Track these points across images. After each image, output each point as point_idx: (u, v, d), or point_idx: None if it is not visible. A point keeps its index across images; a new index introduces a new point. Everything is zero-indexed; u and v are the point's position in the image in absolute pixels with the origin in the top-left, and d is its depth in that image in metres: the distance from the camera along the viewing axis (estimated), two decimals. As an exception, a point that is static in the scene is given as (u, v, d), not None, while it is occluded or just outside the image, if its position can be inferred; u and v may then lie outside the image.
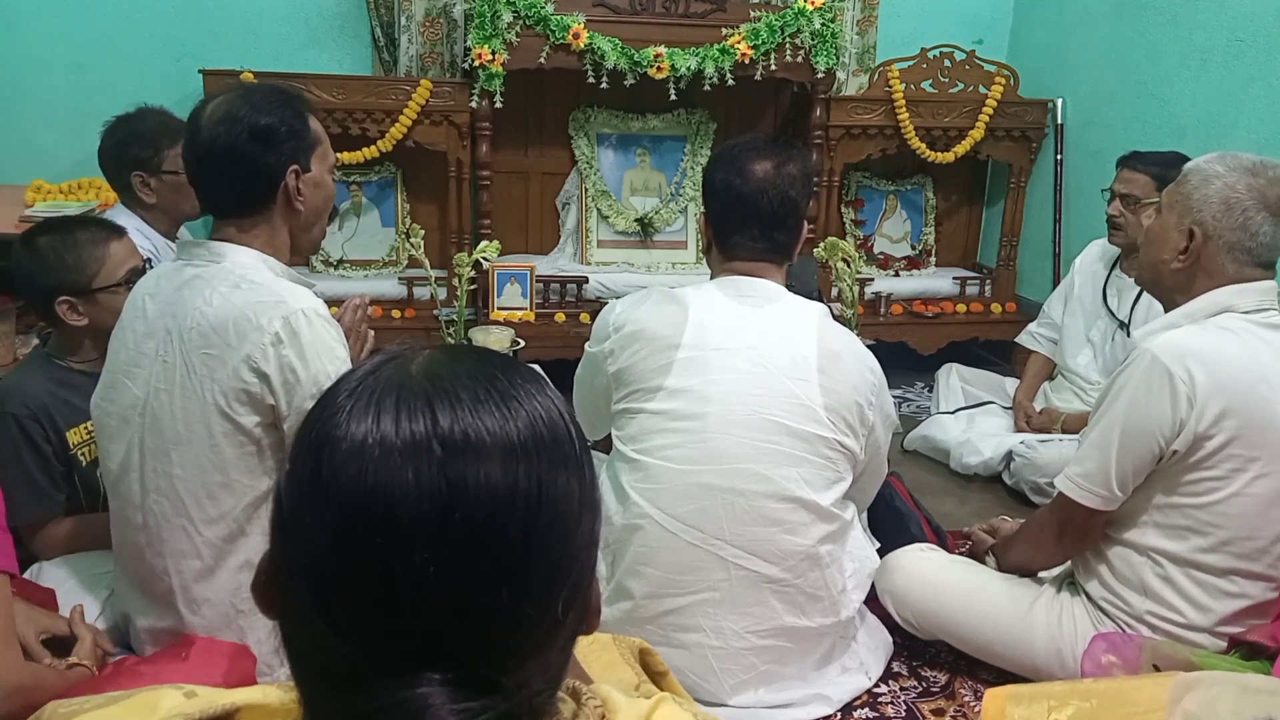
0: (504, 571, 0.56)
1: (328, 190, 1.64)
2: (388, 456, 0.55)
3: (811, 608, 1.75)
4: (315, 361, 1.46)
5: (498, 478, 0.55)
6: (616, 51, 3.26)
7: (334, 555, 0.56)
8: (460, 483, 0.55)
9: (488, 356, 0.62)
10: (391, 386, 0.57)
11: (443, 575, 0.54)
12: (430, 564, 0.54)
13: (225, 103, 1.52)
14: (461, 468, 0.55)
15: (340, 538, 0.56)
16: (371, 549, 0.55)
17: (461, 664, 0.55)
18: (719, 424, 1.69)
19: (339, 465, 0.56)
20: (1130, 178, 2.71)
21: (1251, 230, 1.63)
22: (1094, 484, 1.69)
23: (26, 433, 1.80)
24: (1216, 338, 1.62)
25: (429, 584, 0.54)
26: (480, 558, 0.55)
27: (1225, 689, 1.34)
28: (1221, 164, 1.66)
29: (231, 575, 1.53)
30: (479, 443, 0.55)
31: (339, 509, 0.56)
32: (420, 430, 0.55)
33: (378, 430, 0.55)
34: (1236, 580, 1.65)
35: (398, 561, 0.54)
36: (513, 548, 0.56)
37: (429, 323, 3.43)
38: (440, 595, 0.54)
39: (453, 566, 0.54)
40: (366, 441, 0.55)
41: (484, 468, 0.55)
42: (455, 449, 0.55)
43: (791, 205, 1.78)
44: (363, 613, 0.55)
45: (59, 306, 1.82)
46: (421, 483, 0.54)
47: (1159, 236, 1.73)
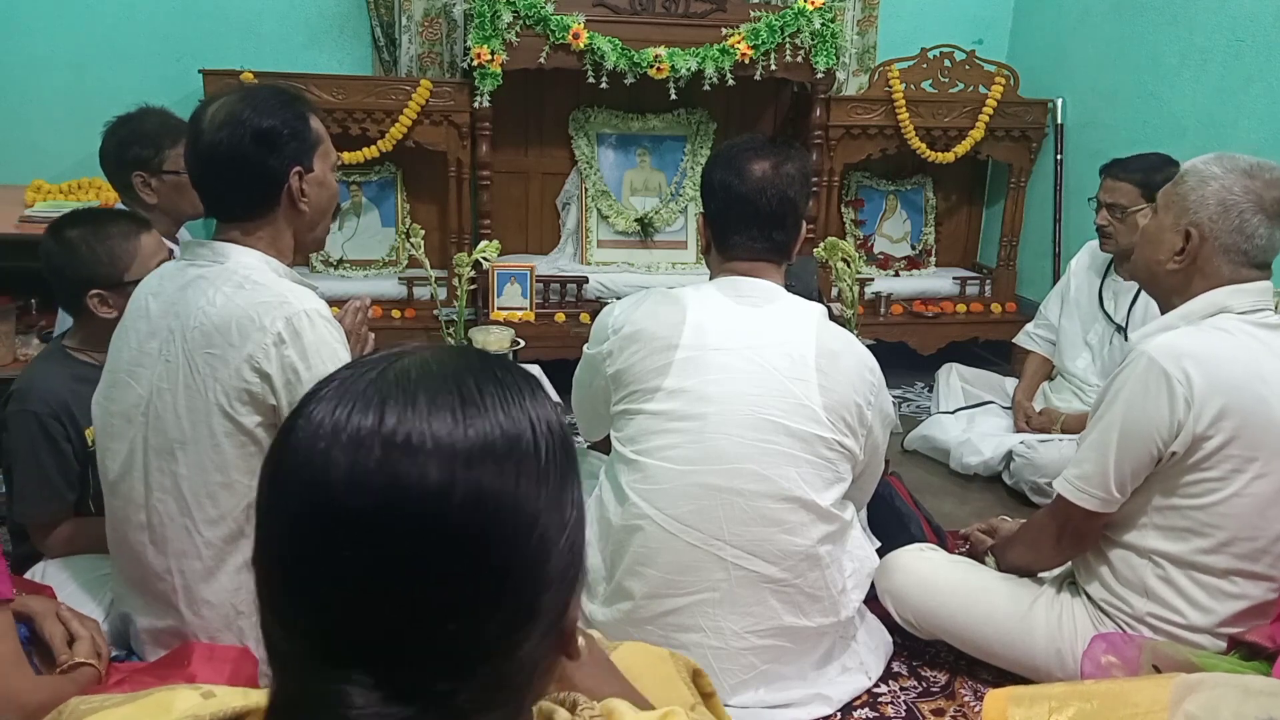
0: (435, 577, 0.55)
1: (331, 189, 1.64)
2: (330, 448, 0.56)
3: (811, 608, 1.75)
4: (317, 362, 1.46)
5: (433, 479, 0.55)
6: (616, 51, 3.26)
7: (276, 540, 0.58)
8: (394, 481, 0.55)
9: (476, 362, 0.62)
10: (364, 383, 0.58)
11: (372, 572, 0.54)
12: (360, 559, 0.54)
13: (226, 106, 1.52)
14: (397, 466, 0.55)
15: (282, 523, 0.58)
16: (307, 538, 0.56)
17: (388, 666, 0.55)
18: (718, 424, 1.69)
19: (291, 451, 0.58)
20: (1114, 186, 2.70)
21: (1247, 232, 1.63)
22: (1092, 486, 1.69)
23: (47, 431, 1.80)
24: (1213, 338, 1.63)
25: (358, 579, 0.55)
26: (410, 559, 0.55)
27: (1226, 691, 1.34)
28: (1218, 165, 1.66)
29: (232, 576, 1.53)
30: (419, 444, 0.55)
31: (282, 493, 0.58)
32: (366, 426, 0.56)
33: (330, 423, 0.57)
34: (1237, 581, 1.65)
35: (329, 553, 0.55)
36: (446, 553, 0.55)
37: (429, 323, 3.43)
38: (369, 592, 0.55)
39: (382, 564, 0.54)
40: (318, 432, 0.57)
41: (421, 468, 0.55)
42: (394, 447, 0.55)
43: (790, 205, 1.78)
44: (296, 600, 0.57)
45: (90, 300, 1.82)
46: (355, 476, 0.55)
47: (1155, 237, 1.73)
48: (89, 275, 1.82)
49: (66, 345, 1.91)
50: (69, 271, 1.83)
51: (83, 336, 1.90)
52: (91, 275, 1.82)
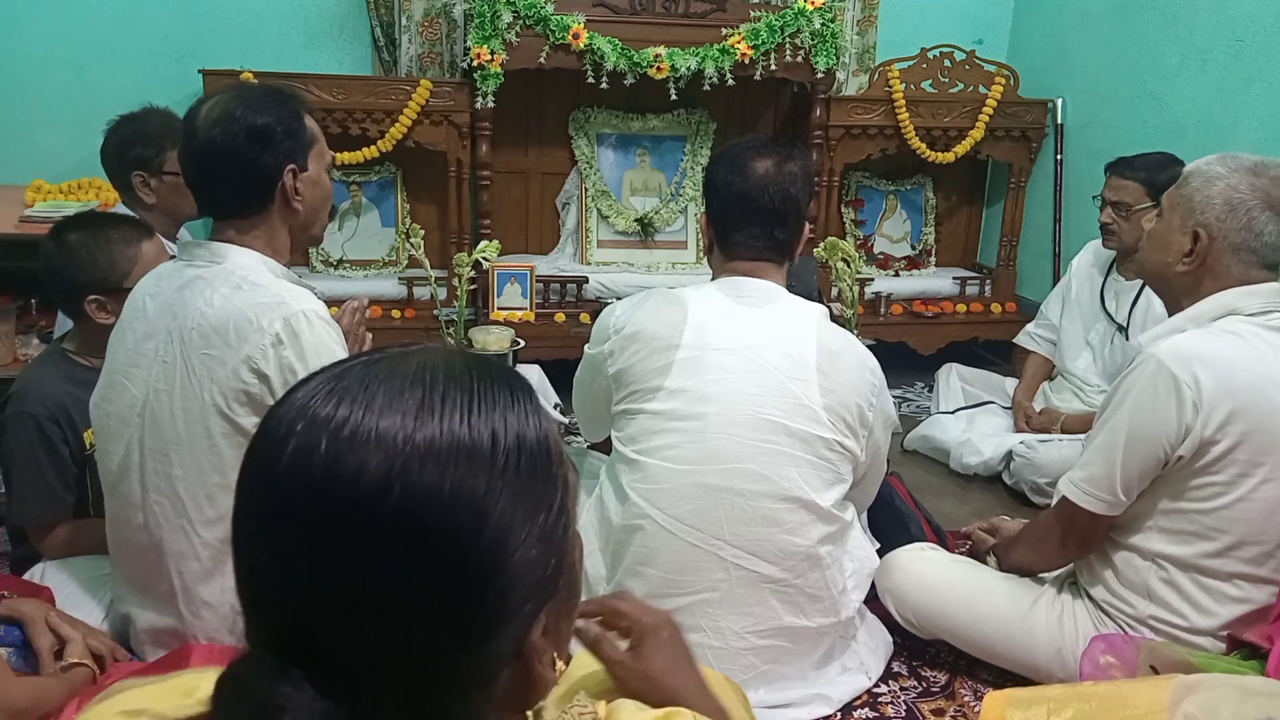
0: (361, 573, 0.55)
1: (325, 188, 1.63)
2: (286, 435, 0.57)
3: (811, 608, 1.75)
4: (315, 362, 1.45)
5: (370, 473, 0.55)
6: (616, 52, 3.26)
7: (237, 521, 0.60)
8: (332, 469, 0.55)
9: (459, 367, 0.61)
10: (336, 376, 0.60)
11: (302, 560, 0.55)
12: (292, 545, 0.55)
13: (220, 104, 1.52)
14: (338, 456, 0.55)
15: (238, 501, 0.59)
16: (249, 518, 0.58)
17: (318, 661, 0.55)
18: (718, 424, 1.69)
19: (259, 433, 0.59)
20: (1119, 185, 2.70)
21: (1256, 230, 1.62)
22: (1098, 489, 1.68)
23: (45, 434, 1.80)
24: (1222, 341, 1.61)
25: (289, 566, 0.56)
26: (339, 551, 0.55)
27: (1225, 691, 1.33)
28: (1223, 165, 1.65)
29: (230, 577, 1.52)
30: (363, 439, 0.55)
31: (242, 473, 0.59)
32: (320, 416, 0.57)
33: (294, 411, 0.58)
34: (1241, 584, 1.65)
35: (266, 535, 0.57)
36: (375, 550, 0.55)
37: (429, 323, 3.43)
38: (298, 581, 0.56)
39: (311, 553, 0.55)
40: (281, 418, 0.58)
41: (360, 461, 0.55)
42: (338, 439, 0.56)
43: (792, 203, 1.78)
44: (241, 580, 0.59)
45: (88, 305, 1.82)
46: (297, 461, 0.56)
47: (1162, 239, 1.72)
48: (87, 280, 1.81)
49: (66, 348, 1.91)
50: (68, 276, 1.83)
51: (82, 341, 1.90)
52: (90, 280, 1.81)
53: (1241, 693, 1.33)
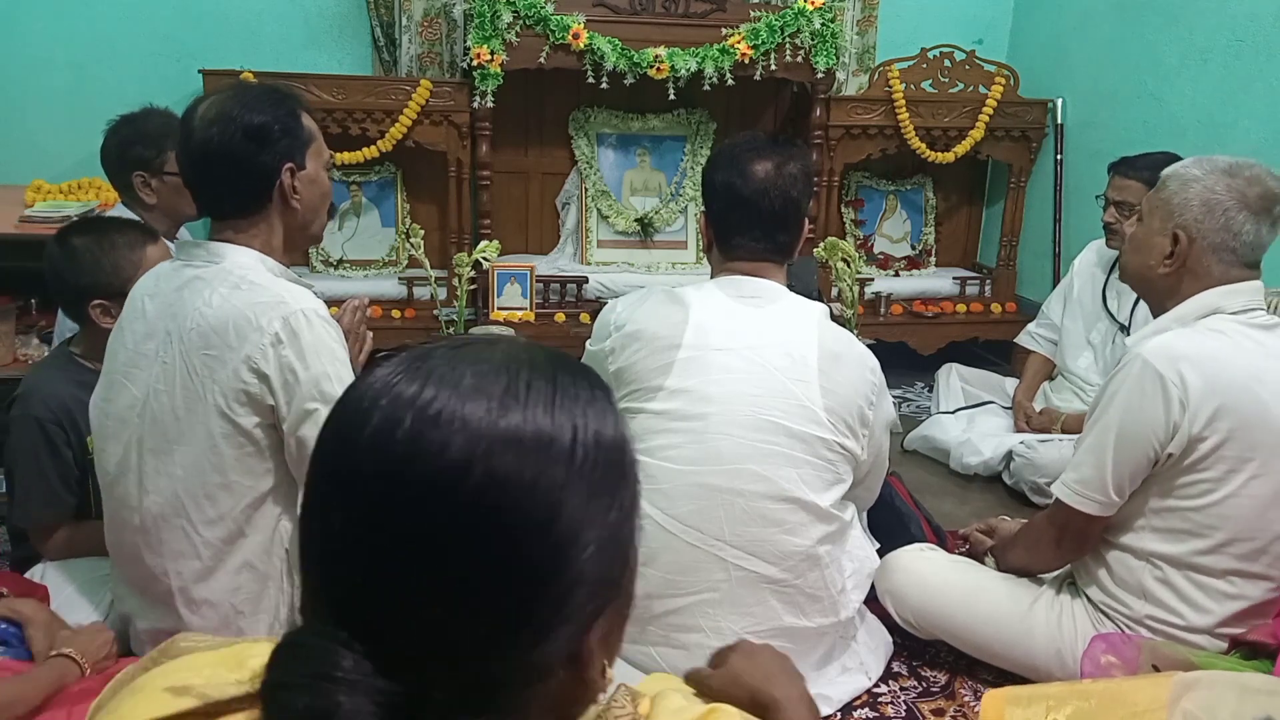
0: (435, 555, 0.55)
1: (323, 186, 1.63)
2: (369, 409, 0.57)
3: (811, 608, 1.75)
4: (315, 362, 1.46)
5: (453, 453, 0.55)
6: (616, 52, 3.26)
7: (308, 489, 0.59)
8: (415, 447, 0.55)
9: (542, 360, 0.61)
10: (423, 356, 0.59)
11: (377, 536, 0.55)
12: (369, 521, 0.55)
13: (217, 103, 1.51)
14: (421, 434, 0.55)
15: (313, 473, 0.59)
16: (326, 492, 0.58)
17: (381, 637, 0.55)
18: (719, 424, 1.69)
19: (340, 405, 0.59)
20: (1122, 184, 2.70)
21: (1234, 230, 1.64)
22: (1091, 490, 1.69)
23: (48, 436, 1.80)
24: (1207, 340, 1.63)
25: (363, 541, 0.55)
26: (415, 531, 0.55)
27: (1224, 689, 1.34)
28: (1198, 167, 1.67)
29: (231, 576, 1.53)
30: (448, 419, 0.55)
31: (320, 445, 0.59)
32: (406, 394, 0.57)
33: (378, 386, 0.58)
34: (1235, 581, 1.65)
35: (342, 510, 0.56)
36: (451, 533, 0.55)
37: (429, 323, 3.43)
38: (370, 557, 0.55)
39: (387, 530, 0.55)
40: (365, 392, 0.58)
41: (443, 441, 0.55)
42: (424, 418, 0.56)
43: (793, 205, 1.78)
44: (308, 552, 0.58)
45: (92, 309, 1.82)
46: (380, 438, 0.56)
47: (1144, 243, 1.74)
48: (90, 284, 1.81)
49: (73, 351, 1.91)
50: (71, 279, 1.83)
51: (87, 344, 1.90)
52: (93, 284, 1.81)
53: (1240, 691, 1.33)
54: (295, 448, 1.47)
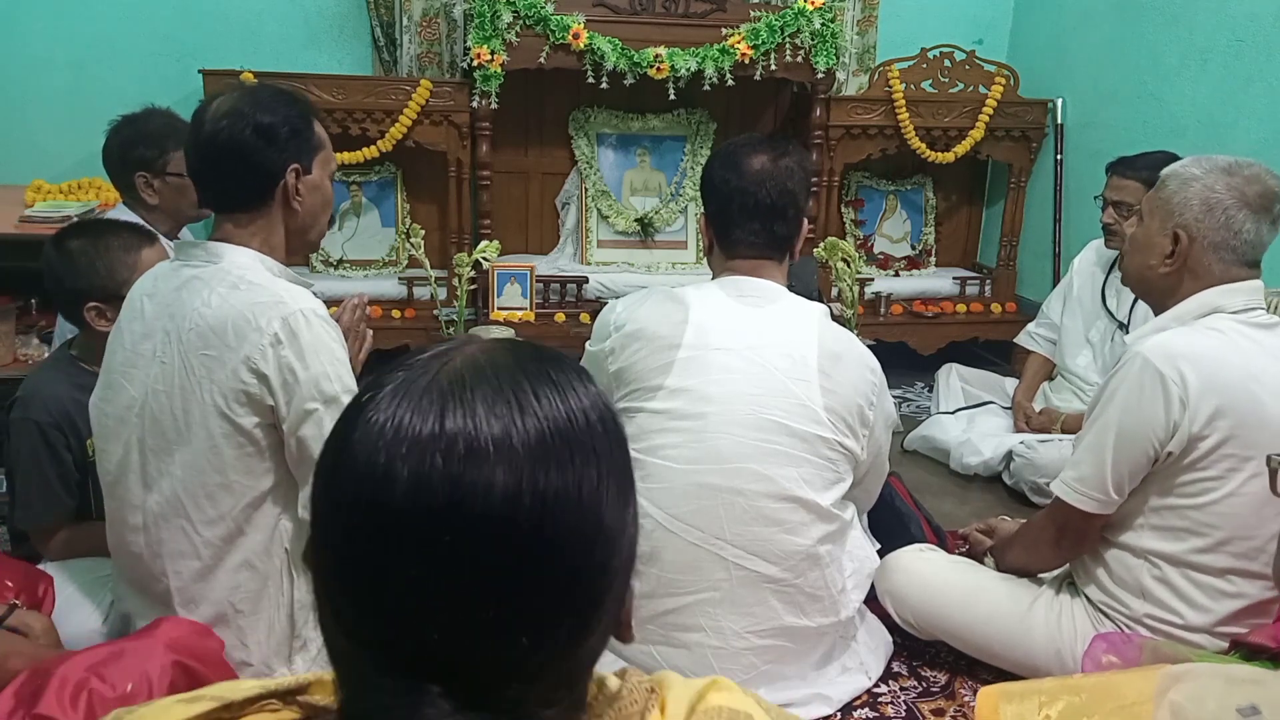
0: (504, 585, 0.54)
1: (326, 195, 1.64)
2: (392, 459, 0.54)
3: (811, 607, 1.75)
4: (314, 362, 1.46)
5: (500, 486, 0.54)
6: (616, 52, 3.26)
7: (336, 548, 0.56)
8: (459, 489, 0.53)
9: (527, 357, 0.60)
10: (419, 387, 0.56)
11: (439, 583, 0.53)
12: (426, 571, 0.53)
13: (231, 100, 1.53)
14: (462, 474, 0.53)
15: (342, 533, 0.56)
16: (370, 550, 0.54)
17: (457, 675, 0.54)
18: (719, 424, 1.69)
19: (349, 459, 0.56)
20: (1120, 184, 2.70)
21: (1234, 229, 1.64)
22: (1090, 488, 1.69)
23: (48, 440, 1.81)
24: (1207, 339, 1.63)
25: (424, 590, 0.53)
26: (478, 569, 0.53)
27: (1211, 681, 1.35)
28: (1198, 167, 1.67)
29: (230, 575, 1.53)
30: (481, 450, 0.54)
31: (341, 504, 0.56)
32: (426, 433, 0.54)
33: (390, 430, 0.55)
34: (1234, 580, 1.65)
35: (393, 565, 0.54)
36: (515, 561, 0.54)
37: (429, 323, 3.43)
38: (435, 603, 0.54)
39: (449, 575, 0.53)
40: (377, 442, 0.55)
41: (487, 476, 0.54)
42: (456, 456, 0.54)
43: (790, 197, 1.78)
44: (359, 608, 0.55)
45: (87, 312, 1.82)
46: (419, 486, 0.53)
47: (1144, 243, 1.74)
48: (86, 287, 1.81)
49: (74, 354, 1.91)
50: (68, 283, 1.83)
51: (86, 347, 1.90)
52: (89, 287, 1.81)
53: (1227, 681, 1.34)
54: (295, 448, 1.48)
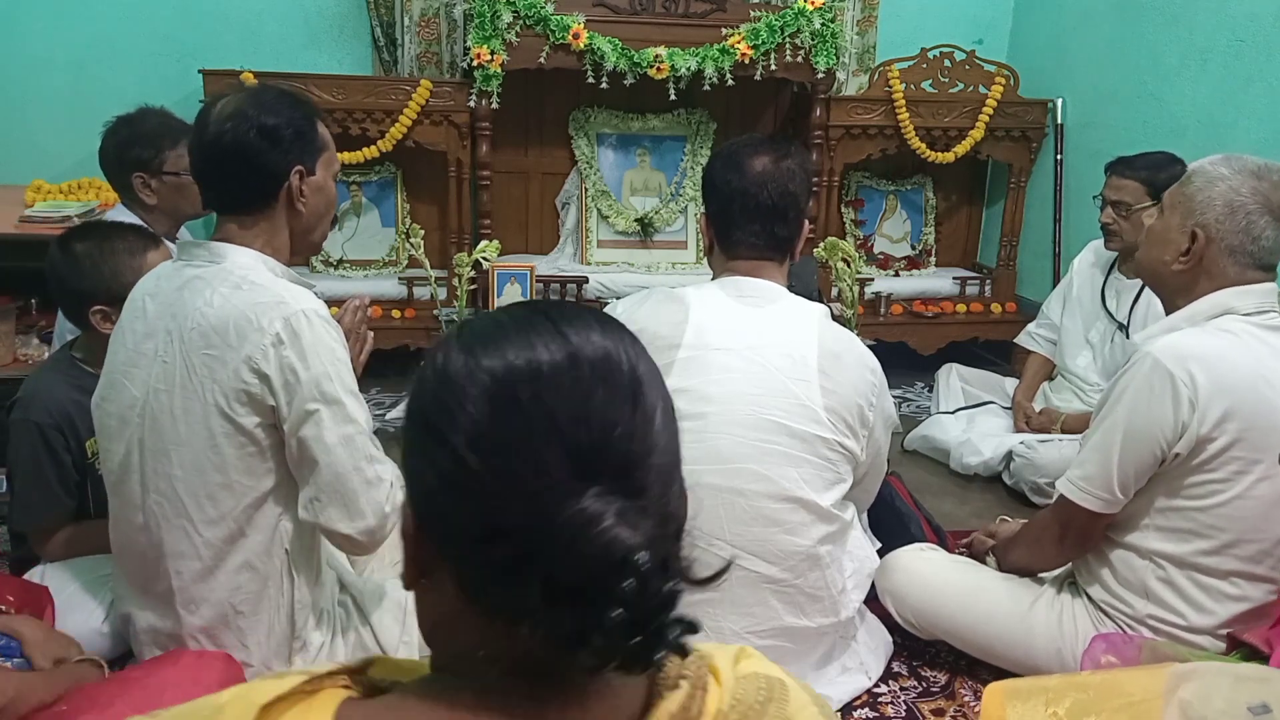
0: (628, 398, 0.64)
1: (329, 196, 1.64)
2: (581, 363, 0.64)
3: (811, 608, 1.75)
4: (316, 362, 1.46)
5: (627, 360, 0.66)
6: (616, 52, 3.26)
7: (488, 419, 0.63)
8: (631, 364, 0.66)
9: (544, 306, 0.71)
10: (546, 318, 0.67)
11: (589, 405, 0.62)
12: (568, 399, 0.62)
13: (235, 101, 1.53)
14: (632, 357, 0.66)
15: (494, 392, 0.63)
16: (527, 390, 0.63)
17: (613, 478, 0.61)
18: (719, 424, 1.69)
19: (529, 381, 0.64)
20: (1119, 184, 2.70)
21: (1254, 234, 1.62)
22: (1095, 487, 1.68)
23: (48, 441, 1.81)
24: (1218, 340, 1.62)
25: (575, 416, 0.62)
26: (604, 390, 0.63)
27: (1219, 679, 1.35)
28: (1226, 166, 1.65)
29: (230, 576, 1.53)
30: (583, 329, 0.66)
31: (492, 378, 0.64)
32: (589, 344, 0.65)
33: (560, 353, 0.64)
34: (1238, 583, 1.65)
35: (544, 403, 0.62)
36: (626, 386, 0.65)
37: (429, 323, 3.43)
38: (596, 418, 0.62)
39: (586, 399, 0.62)
40: (518, 379, 0.64)
41: (616, 356, 0.65)
42: (565, 337, 0.65)
43: (791, 198, 1.78)
44: (514, 450, 0.62)
45: (93, 315, 1.82)
46: (610, 368, 0.65)
47: (1161, 237, 1.73)
48: (91, 290, 1.82)
49: (75, 355, 1.91)
50: (73, 286, 1.83)
51: (87, 348, 1.90)
52: (94, 290, 1.81)
53: (1234, 679, 1.34)
54: (296, 448, 1.48)
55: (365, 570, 1.92)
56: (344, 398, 1.47)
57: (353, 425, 1.48)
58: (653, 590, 0.59)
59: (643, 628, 0.59)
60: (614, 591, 0.57)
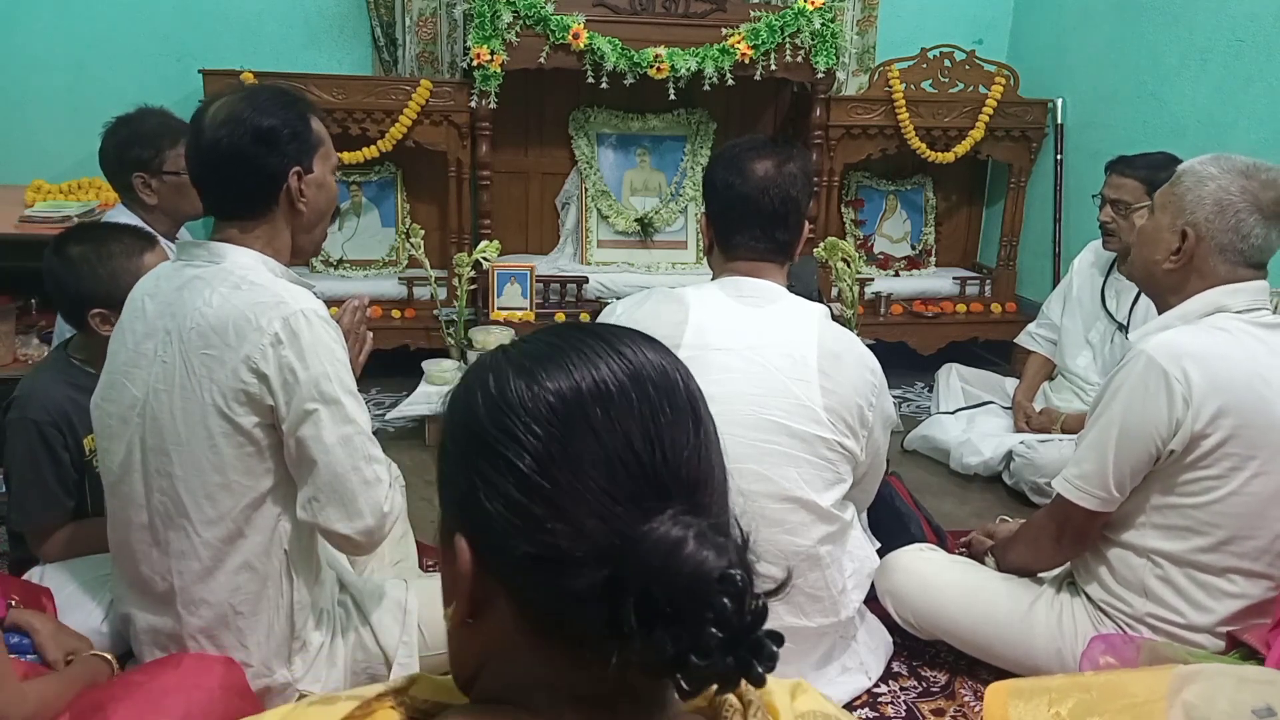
0: (690, 417, 0.65)
1: (330, 191, 1.64)
2: (589, 365, 0.64)
3: (811, 608, 1.75)
4: (315, 362, 1.46)
5: (655, 359, 0.67)
6: (616, 52, 3.27)
7: (559, 434, 0.62)
8: (633, 363, 0.65)
9: None
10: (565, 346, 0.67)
11: (659, 424, 0.63)
12: (639, 419, 0.62)
13: (228, 104, 1.52)
14: (631, 359, 0.65)
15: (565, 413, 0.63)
16: (598, 411, 0.62)
17: (685, 497, 0.62)
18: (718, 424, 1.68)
19: (592, 395, 0.64)
20: (1119, 183, 2.70)
21: (1243, 233, 1.63)
22: (1092, 485, 1.69)
23: (46, 440, 1.80)
24: (1211, 337, 1.63)
25: (647, 435, 0.62)
26: (670, 409, 0.64)
27: (1223, 680, 1.35)
28: (1215, 166, 1.66)
29: (230, 577, 1.52)
30: (639, 348, 0.67)
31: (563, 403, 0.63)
32: (599, 350, 0.65)
33: (615, 363, 0.65)
34: (1236, 580, 1.65)
35: (616, 424, 0.62)
36: (685, 405, 0.66)
37: (429, 323, 3.43)
38: (667, 441, 0.63)
39: (654, 418, 0.63)
40: (612, 369, 0.64)
41: (649, 357, 0.66)
42: (625, 358, 0.65)
43: (793, 204, 1.78)
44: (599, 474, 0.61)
45: (91, 318, 1.82)
46: (615, 371, 0.64)
47: (1152, 237, 1.74)
48: (89, 293, 1.81)
49: (71, 355, 1.91)
50: (70, 289, 1.83)
51: (86, 350, 1.89)
52: (92, 294, 1.81)
53: (1239, 681, 1.34)
54: (294, 448, 1.47)
55: (365, 570, 1.92)
56: (343, 398, 1.47)
57: (351, 425, 1.48)
58: (747, 607, 0.58)
59: (739, 645, 0.58)
60: (710, 610, 0.56)
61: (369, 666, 1.67)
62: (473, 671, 0.66)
